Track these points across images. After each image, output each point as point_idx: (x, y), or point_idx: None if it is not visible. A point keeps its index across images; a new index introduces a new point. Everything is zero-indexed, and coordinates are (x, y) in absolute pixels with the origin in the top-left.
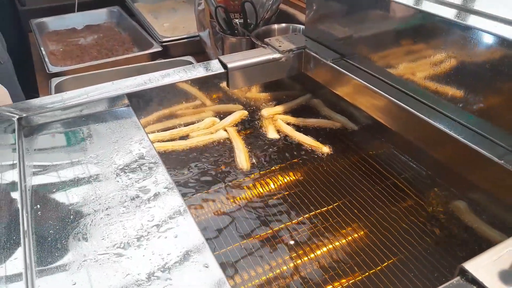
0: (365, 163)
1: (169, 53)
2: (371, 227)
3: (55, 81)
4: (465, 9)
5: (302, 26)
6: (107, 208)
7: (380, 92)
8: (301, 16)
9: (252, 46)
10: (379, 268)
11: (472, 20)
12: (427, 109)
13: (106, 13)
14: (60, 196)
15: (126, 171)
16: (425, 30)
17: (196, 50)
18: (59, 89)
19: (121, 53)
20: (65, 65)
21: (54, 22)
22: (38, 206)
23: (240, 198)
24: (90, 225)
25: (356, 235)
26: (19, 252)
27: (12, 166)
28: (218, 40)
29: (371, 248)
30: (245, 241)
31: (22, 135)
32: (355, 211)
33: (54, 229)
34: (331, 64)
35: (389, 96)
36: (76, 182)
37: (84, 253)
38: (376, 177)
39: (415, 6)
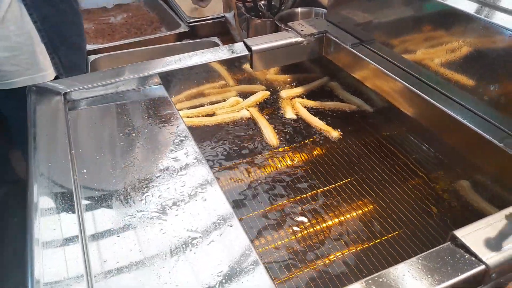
0: (378, 144)
1: (195, 33)
2: (380, 201)
3: (90, 58)
4: (482, 2)
5: (324, 10)
6: (145, 175)
7: (394, 77)
8: (324, 0)
9: (276, 28)
10: (385, 238)
11: (485, 14)
12: (438, 95)
13: None
14: (103, 163)
15: (160, 142)
16: (440, 21)
17: (221, 30)
18: (94, 66)
19: (149, 32)
20: (97, 43)
21: (86, 0)
22: (85, 170)
23: (259, 172)
24: (131, 189)
25: (366, 209)
26: (73, 208)
27: (62, 136)
28: (243, 21)
29: (378, 220)
30: (263, 210)
31: (67, 108)
32: (366, 187)
33: (99, 192)
34: (350, 48)
35: (402, 81)
36: (116, 152)
37: (126, 212)
38: (387, 157)
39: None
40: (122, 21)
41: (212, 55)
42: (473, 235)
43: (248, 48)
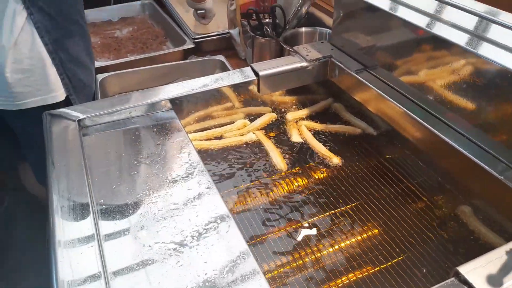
0: (382, 167)
1: (200, 48)
2: (384, 226)
3: (99, 77)
4: (479, 37)
5: (328, 30)
6: (160, 206)
7: (396, 104)
8: (328, 20)
9: (280, 47)
10: (389, 264)
11: (481, 49)
12: (438, 122)
13: (140, 5)
14: (119, 193)
15: (173, 171)
16: (440, 54)
17: (226, 46)
18: (103, 84)
19: (155, 47)
20: (103, 57)
21: (92, 14)
22: (102, 201)
23: (265, 196)
24: (148, 220)
25: (370, 233)
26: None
27: (79, 165)
28: (247, 38)
29: (383, 245)
30: (271, 234)
31: (81, 134)
32: (371, 212)
33: (118, 223)
34: (354, 74)
35: (405, 109)
36: (131, 181)
37: (144, 244)
38: (391, 181)
39: (435, 32)
40: (127, 35)
41: (221, 80)
42: (476, 271)
43: (255, 73)
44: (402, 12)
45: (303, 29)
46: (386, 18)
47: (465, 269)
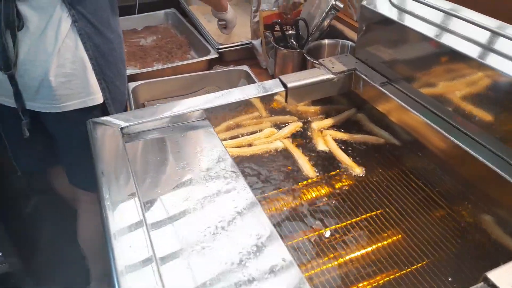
0: (404, 176)
1: (223, 58)
2: (408, 232)
3: (131, 85)
4: (495, 51)
5: (350, 43)
6: (205, 213)
7: (418, 115)
8: (349, 32)
9: (302, 58)
10: (414, 267)
11: (497, 62)
12: (458, 132)
13: (163, 15)
14: (165, 199)
15: (212, 178)
16: (459, 67)
17: (248, 55)
18: (135, 92)
19: (179, 55)
20: (129, 65)
21: None
22: (150, 206)
23: (292, 201)
24: (195, 227)
25: (393, 239)
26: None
27: (126, 172)
28: (270, 48)
29: (407, 250)
30: (296, 240)
31: (124, 141)
32: (394, 218)
33: (166, 226)
34: (379, 87)
35: (427, 120)
36: (174, 186)
37: (193, 245)
38: (414, 189)
39: (453, 47)
40: (152, 43)
41: (251, 91)
42: (505, 277)
43: (284, 85)
44: (422, 27)
45: (326, 41)
46: (407, 33)
47: (494, 275)
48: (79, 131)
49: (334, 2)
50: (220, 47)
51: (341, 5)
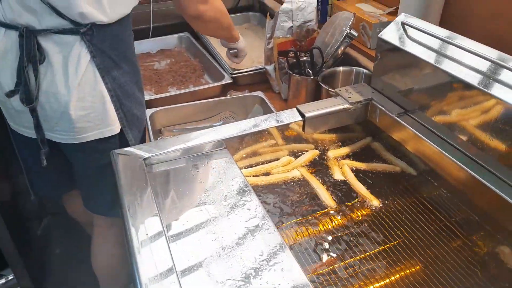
0: (421, 205)
1: (237, 82)
2: (426, 263)
3: (148, 112)
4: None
5: (364, 70)
6: (227, 243)
7: (434, 145)
8: (363, 59)
9: (316, 85)
10: None
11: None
12: (474, 163)
13: (177, 38)
14: (189, 231)
15: (234, 210)
16: (473, 100)
17: (261, 80)
18: (152, 118)
19: (193, 80)
20: (145, 90)
21: None
22: (174, 237)
23: (310, 231)
24: (217, 257)
25: (411, 270)
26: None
27: (150, 203)
28: (283, 74)
29: (426, 281)
30: (316, 272)
31: (146, 171)
32: (412, 248)
33: (191, 259)
34: (396, 117)
35: (443, 150)
36: (197, 218)
37: (216, 280)
38: (430, 219)
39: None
40: (166, 67)
41: (270, 121)
42: None
43: (302, 114)
44: (438, 60)
45: (341, 68)
46: (423, 65)
47: None
48: (97, 159)
49: (348, 31)
50: (234, 72)
51: (356, 34)
